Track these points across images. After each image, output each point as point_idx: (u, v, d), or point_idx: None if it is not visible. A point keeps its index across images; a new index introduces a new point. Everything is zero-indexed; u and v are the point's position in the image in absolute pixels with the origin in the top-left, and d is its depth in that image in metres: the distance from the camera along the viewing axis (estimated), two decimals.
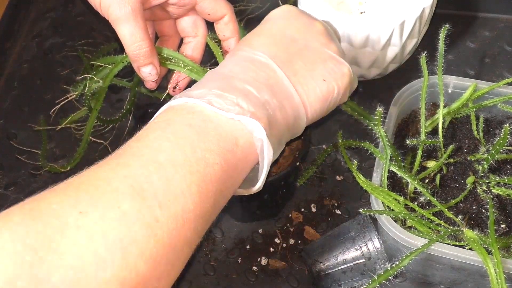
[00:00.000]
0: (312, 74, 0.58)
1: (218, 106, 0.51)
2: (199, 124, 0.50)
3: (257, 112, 0.52)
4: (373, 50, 0.78)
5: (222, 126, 0.50)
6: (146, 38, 0.67)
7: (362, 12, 0.88)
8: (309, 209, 0.76)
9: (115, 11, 0.65)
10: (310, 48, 0.59)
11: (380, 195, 0.63)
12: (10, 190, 0.81)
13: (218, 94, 0.52)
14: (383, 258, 0.65)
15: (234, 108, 0.51)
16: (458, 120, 0.74)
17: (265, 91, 0.54)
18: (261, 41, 0.59)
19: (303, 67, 0.58)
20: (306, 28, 0.61)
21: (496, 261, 0.53)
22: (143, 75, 0.70)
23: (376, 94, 0.87)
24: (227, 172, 0.50)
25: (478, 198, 0.68)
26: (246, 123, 0.51)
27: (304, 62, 0.58)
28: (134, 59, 0.68)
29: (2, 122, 0.88)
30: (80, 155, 0.79)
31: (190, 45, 0.76)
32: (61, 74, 0.92)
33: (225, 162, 0.49)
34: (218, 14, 0.72)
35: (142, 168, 0.46)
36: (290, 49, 0.59)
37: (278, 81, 0.56)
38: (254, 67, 0.56)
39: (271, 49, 0.58)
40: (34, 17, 1.01)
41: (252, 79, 0.54)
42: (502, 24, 0.93)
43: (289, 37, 0.60)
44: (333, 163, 0.80)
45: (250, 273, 0.72)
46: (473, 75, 0.87)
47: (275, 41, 0.59)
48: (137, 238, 0.42)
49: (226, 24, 0.72)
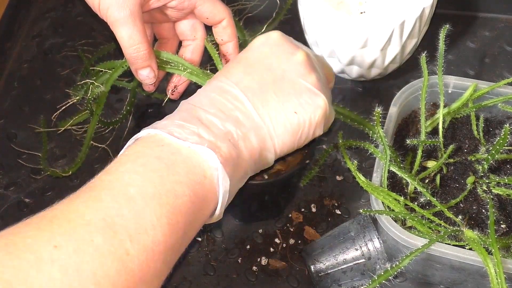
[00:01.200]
0: (284, 106, 0.57)
1: (177, 135, 0.51)
2: (168, 157, 0.50)
3: (217, 142, 0.52)
4: (373, 50, 0.78)
5: (191, 158, 0.51)
6: (144, 41, 0.67)
7: (362, 12, 0.88)
8: (309, 209, 0.76)
9: (113, 13, 0.65)
10: (286, 78, 0.59)
11: (380, 195, 0.63)
12: (10, 190, 0.80)
13: (179, 125, 0.53)
14: (383, 258, 0.65)
15: (193, 138, 0.51)
16: (458, 120, 0.74)
17: (229, 122, 0.54)
18: (237, 70, 0.59)
19: (274, 98, 0.57)
20: (286, 57, 0.60)
21: (496, 261, 0.53)
22: (140, 77, 0.70)
23: (376, 94, 0.87)
24: (196, 204, 0.50)
25: (478, 198, 0.68)
26: (201, 153, 0.51)
27: (277, 93, 0.57)
28: (132, 61, 0.68)
29: (2, 122, 0.88)
30: (81, 159, 0.80)
31: (189, 48, 0.76)
32: (61, 74, 0.92)
33: (194, 194, 0.50)
34: (217, 18, 0.72)
35: (113, 201, 0.47)
36: (265, 79, 0.58)
37: (246, 113, 0.55)
38: (222, 98, 0.56)
39: (245, 79, 0.58)
40: (34, 17, 1.01)
41: (218, 110, 0.55)
42: (502, 24, 0.93)
43: (267, 66, 0.59)
44: (333, 163, 0.80)
45: (250, 273, 0.72)
46: (473, 75, 0.87)
47: (251, 71, 0.59)
48: (109, 272, 0.43)
49: (224, 28, 0.73)
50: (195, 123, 0.53)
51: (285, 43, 0.61)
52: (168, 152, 0.51)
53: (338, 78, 0.89)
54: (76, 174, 0.81)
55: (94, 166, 0.82)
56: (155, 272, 0.47)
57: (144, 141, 0.53)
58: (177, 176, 0.50)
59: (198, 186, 0.51)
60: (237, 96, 0.56)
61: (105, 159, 0.82)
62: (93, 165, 0.82)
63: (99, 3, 0.66)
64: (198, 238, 0.75)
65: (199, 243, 0.75)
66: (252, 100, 0.56)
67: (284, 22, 0.92)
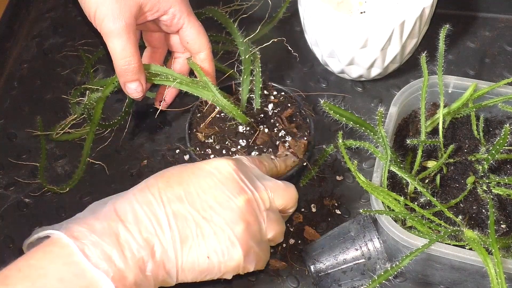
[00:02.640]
0: (199, 248, 0.56)
1: (89, 254, 0.51)
2: (70, 280, 0.50)
3: (126, 271, 0.52)
4: (373, 50, 0.78)
5: (93, 283, 0.50)
6: (136, 55, 0.68)
7: (362, 12, 0.88)
8: (309, 209, 0.76)
9: (108, 24, 0.65)
10: (214, 221, 0.57)
11: (380, 195, 0.63)
12: (10, 190, 0.80)
13: (95, 242, 0.52)
14: (383, 258, 0.65)
15: (103, 264, 0.51)
16: (458, 120, 0.74)
17: (144, 250, 0.53)
18: (175, 190, 0.57)
19: (194, 237, 0.56)
20: (225, 199, 0.58)
21: (496, 261, 0.53)
22: (128, 91, 0.70)
23: (376, 94, 0.87)
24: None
25: (478, 198, 0.68)
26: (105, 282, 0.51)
27: (199, 232, 0.56)
28: (122, 74, 0.68)
29: (2, 122, 0.88)
30: (79, 176, 0.79)
31: (178, 61, 0.77)
32: (61, 74, 0.92)
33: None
34: (196, 48, 0.73)
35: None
36: (195, 212, 0.56)
37: (162, 242, 0.55)
38: (147, 218, 0.55)
39: (176, 204, 0.56)
40: (34, 17, 1.01)
41: (138, 232, 0.54)
42: (502, 24, 0.93)
43: (202, 201, 0.57)
44: (333, 163, 0.80)
45: (250, 273, 0.72)
46: (473, 75, 0.87)
47: (186, 198, 0.57)
48: None
49: (202, 61, 0.74)
50: (111, 242, 0.52)
51: (232, 183, 0.58)
52: (72, 274, 0.50)
53: (338, 78, 0.89)
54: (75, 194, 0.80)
55: (94, 167, 0.82)
56: None
57: (51, 250, 0.51)
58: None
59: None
60: (161, 222, 0.55)
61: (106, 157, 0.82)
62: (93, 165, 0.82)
63: (95, 12, 0.66)
64: None
65: None
66: (173, 230, 0.55)
67: (284, 22, 0.92)
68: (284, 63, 0.91)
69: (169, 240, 0.55)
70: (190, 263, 0.56)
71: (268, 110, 0.75)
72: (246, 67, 0.74)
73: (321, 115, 0.83)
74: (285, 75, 0.90)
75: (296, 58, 0.88)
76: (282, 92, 0.77)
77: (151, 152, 0.83)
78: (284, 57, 0.91)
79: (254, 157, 0.66)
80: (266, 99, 0.76)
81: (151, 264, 0.54)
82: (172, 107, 0.82)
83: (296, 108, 0.75)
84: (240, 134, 0.73)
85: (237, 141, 0.72)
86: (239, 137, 0.72)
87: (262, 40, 0.80)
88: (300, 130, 0.74)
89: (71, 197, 0.79)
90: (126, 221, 0.54)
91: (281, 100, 0.76)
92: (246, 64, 0.74)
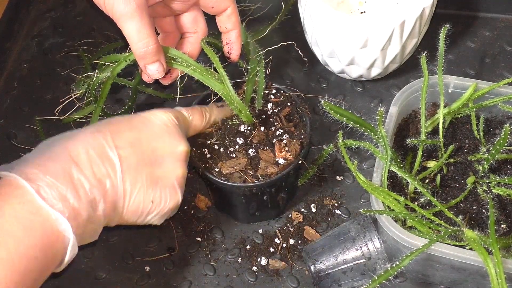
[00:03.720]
0: (146, 192, 0.61)
1: (44, 195, 0.53)
2: (27, 217, 0.52)
3: (79, 209, 0.55)
4: (373, 50, 0.78)
5: (49, 221, 0.53)
6: (153, 35, 0.66)
7: (362, 12, 0.88)
8: (309, 209, 0.76)
9: (119, 7, 0.64)
10: (162, 167, 0.62)
11: (380, 195, 0.63)
12: None
13: (50, 183, 0.54)
14: (383, 258, 0.65)
15: (58, 204, 0.53)
16: (458, 120, 0.74)
17: (97, 189, 0.56)
18: (126, 136, 0.61)
19: (143, 181, 0.60)
20: (171, 147, 0.63)
21: (497, 261, 0.53)
22: (150, 72, 0.69)
23: (376, 94, 0.87)
24: (44, 264, 0.53)
25: (479, 198, 0.68)
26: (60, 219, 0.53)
27: (147, 178, 0.61)
28: (142, 57, 0.67)
29: (2, 122, 0.88)
30: None
31: (189, 40, 0.75)
32: (61, 74, 0.92)
33: (44, 256, 0.53)
34: (222, 7, 0.71)
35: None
36: (145, 158, 0.61)
37: (114, 183, 0.58)
38: (99, 159, 0.58)
39: (128, 150, 0.60)
40: (34, 17, 1.01)
41: (91, 172, 0.57)
42: (502, 24, 0.93)
43: (152, 147, 0.62)
44: (333, 163, 0.80)
45: (250, 273, 0.72)
46: (473, 75, 0.87)
47: (137, 144, 0.61)
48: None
49: (228, 17, 0.72)
50: (65, 183, 0.54)
51: (174, 133, 0.64)
52: (27, 212, 0.52)
53: (338, 78, 0.89)
54: None
55: None
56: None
57: (6, 191, 0.53)
58: (32, 239, 0.52)
59: (50, 249, 0.53)
60: (114, 164, 0.58)
61: None
62: None
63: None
64: (198, 239, 0.75)
65: (199, 243, 0.75)
66: (124, 172, 0.59)
67: (285, 22, 0.92)
68: (284, 63, 0.91)
69: (120, 182, 0.58)
70: (136, 204, 0.60)
71: (267, 109, 0.75)
72: (252, 67, 0.74)
73: (321, 115, 0.83)
74: (285, 75, 0.90)
75: (296, 58, 0.88)
76: (281, 91, 0.77)
77: None
78: (284, 57, 0.91)
79: (195, 108, 0.71)
80: (266, 99, 0.76)
81: (103, 204, 0.57)
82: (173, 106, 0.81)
83: (293, 107, 0.75)
84: (240, 133, 0.73)
85: (235, 140, 0.72)
86: (238, 136, 0.72)
87: (262, 40, 0.80)
88: (297, 128, 0.74)
89: None
90: (79, 162, 0.56)
91: (281, 99, 0.76)
92: (253, 64, 0.74)
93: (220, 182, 0.69)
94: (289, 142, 0.71)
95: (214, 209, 0.78)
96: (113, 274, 0.73)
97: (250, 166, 0.70)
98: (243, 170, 0.69)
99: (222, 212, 0.78)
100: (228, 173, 0.69)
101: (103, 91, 0.74)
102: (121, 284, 0.73)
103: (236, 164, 0.70)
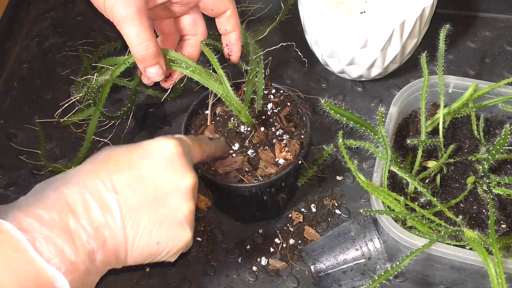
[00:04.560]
0: (150, 234, 0.56)
1: (41, 249, 0.50)
2: (20, 267, 0.49)
3: (77, 262, 0.51)
4: (373, 50, 0.78)
5: (44, 274, 0.50)
6: (153, 38, 0.66)
7: (362, 12, 0.88)
8: (309, 209, 0.76)
9: (119, 10, 0.64)
10: (166, 204, 0.57)
11: (380, 195, 0.63)
12: (10, 190, 0.80)
13: (46, 235, 0.51)
14: (383, 258, 0.65)
15: (55, 259, 0.50)
16: (458, 120, 0.74)
17: (95, 241, 0.53)
18: (124, 176, 0.56)
19: (145, 223, 0.56)
20: (176, 181, 0.58)
21: (497, 261, 0.53)
22: (149, 75, 0.69)
23: (376, 94, 0.87)
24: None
25: (479, 198, 0.68)
26: (56, 275, 0.50)
27: (150, 218, 0.56)
28: (141, 59, 0.67)
29: (2, 122, 0.88)
30: (83, 154, 0.79)
31: (189, 42, 0.76)
32: (61, 74, 0.92)
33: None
34: (221, 9, 0.71)
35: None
36: (146, 198, 0.56)
37: (113, 231, 0.54)
38: (97, 206, 0.53)
39: (127, 192, 0.55)
40: (34, 17, 1.01)
41: (89, 222, 0.53)
42: (502, 24, 0.93)
43: (154, 184, 0.57)
44: (333, 163, 0.80)
45: (250, 273, 0.72)
46: (473, 75, 0.87)
47: (136, 185, 0.56)
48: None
49: (228, 18, 0.72)
50: (62, 235, 0.51)
51: (178, 165, 0.58)
52: (22, 263, 0.49)
53: (338, 78, 0.89)
54: None
55: None
56: None
57: (1, 237, 0.50)
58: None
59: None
60: (112, 211, 0.54)
61: None
62: None
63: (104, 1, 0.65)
64: (198, 238, 0.75)
65: (199, 243, 0.75)
66: (124, 218, 0.54)
67: (285, 22, 0.92)
68: (284, 63, 0.91)
69: (119, 229, 0.54)
70: (140, 248, 0.56)
71: (267, 109, 0.75)
72: (252, 68, 0.74)
73: (321, 115, 0.83)
74: (285, 75, 0.90)
75: (296, 58, 0.88)
76: (281, 91, 0.77)
77: None
78: (284, 57, 0.91)
79: (193, 137, 0.66)
80: (266, 99, 0.76)
81: (101, 254, 0.54)
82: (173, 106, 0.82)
83: (293, 107, 0.75)
84: (240, 134, 0.73)
85: (235, 141, 0.72)
86: (238, 137, 0.72)
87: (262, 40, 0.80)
88: (298, 128, 0.74)
89: None
90: (76, 211, 0.53)
91: (281, 99, 0.76)
92: (253, 65, 0.74)
93: (221, 184, 0.69)
94: (289, 142, 0.71)
95: (214, 209, 0.78)
96: (113, 274, 0.73)
97: (248, 164, 0.70)
98: (239, 169, 0.69)
99: (222, 212, 0.78)
100: (224, 172, 0.69)
101: (102, 94, 0.74)
102: (121, 284, 0.73)
103: (232, 162, 0.69)
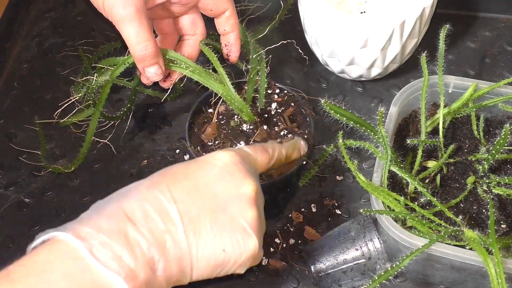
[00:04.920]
0: (214, 241, 0.54)
1: (98, 255, 0.49)
2: (77, 275, 0.48)
3: (137, 270, 0.50)
4: (373, 50, 0.78)
5: (100, 279, 0.48)
6: (152, 38, 0.66)
7: (362, 12, 0.88)
8: (309, 209, 0.76)
9: (118, 11, 0.64)
10: (226, 212, 0.55)
11: (380, 195, 0.63)
12: (10, 190, 0.80)
13: (103, 242, 0.49)
14: (383, 258, 0.65)
15: (113, 264, 0.49)
16: (458, 120, 0.74)
17: (155, 248, 0.51)
18: (182, 186, 0.55)
19: (208, 230, 0.54)
20: (234, 188, 0.57)
21: (497, 261, 0.53)
22: (148, 75, 0.69)
23: (376, 94, 0.87)
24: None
25: (479, 198, 0.68)
26: (115, 281, 0.49)
27: (213, 225, 0.54)
28: (140, 60, 0.67)
29: (2, 122, 0.88)
30: (83, 154, 0.79)
31: (188, 42, 0.76)
32: (61, 74, 0.92)
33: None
34: (220, 9, 0.72)
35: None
36: (206, 206, 0.55)
37: (175, 239, 0.52)
38: (157, 216, 0.52)
39: (186, 200, 0.54)
40: (34, 17, 1.01)
41: (149, 230, 0.51)
42: (502, 24, 0.93)
43: (213, 193, 0.56)
44: (333, 163, 0.80)
45: (250, 273, 0.72)
46: (473, 75, 0.87)
47: (195, 193, 0.55)
48: None
49: (227, 19, 0.72)
50: (120, 242, 0.50)
51: (238, 171, 0.58)
52: (78, 269, 0.48)
53: (338, 78, 0.89)
54: (75, 174, 0.81)
55: (94, 167, 0.82)
56: None
57: (57, 247, 0.49)
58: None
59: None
60: (173, 218, 0.53)
61: (106, 157, 0.82)
62: (93, 166, 0.82)
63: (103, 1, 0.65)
64: None
65: None
66: (186, 226, 0.53)
67: (285, 21, 0.92)
68: (284, 63, 0.91)
69: (182, 237, 0.53)
70: (206, 258, 0.54)
71: (271, 108, 0.75)
72: (253, 67, 0.74)
73: (321, 115, 0.82)
74: (285, 75, 0.90)
75: (296, 58, 0.88)
76: (285, 91, 0.77)
77: (151, 152, 0.83)
78: (284, 57, 0.91)
79: (256, 145, 0.64)
80: (270, 98, 0.76)
81: (163, 263, 0.52)
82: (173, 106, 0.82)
83: (297, 107, 0.76)
84: (243, 132, 0.73)
85: (238, 139, 0.72)
86: (241, 136, 0.72)
87: (262, 39, 0.80)
88: (301, 129, 0.74)
89: (71, 197, 0.79)
90: (135, 220, 0.52)
91: (284, 99, 0.77)
92: (254, 64, 0.74)
93: None
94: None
95: None
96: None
97: None
98: None
99: None
100: None
101: (102, 95, 0.74)
102: None
103: None
